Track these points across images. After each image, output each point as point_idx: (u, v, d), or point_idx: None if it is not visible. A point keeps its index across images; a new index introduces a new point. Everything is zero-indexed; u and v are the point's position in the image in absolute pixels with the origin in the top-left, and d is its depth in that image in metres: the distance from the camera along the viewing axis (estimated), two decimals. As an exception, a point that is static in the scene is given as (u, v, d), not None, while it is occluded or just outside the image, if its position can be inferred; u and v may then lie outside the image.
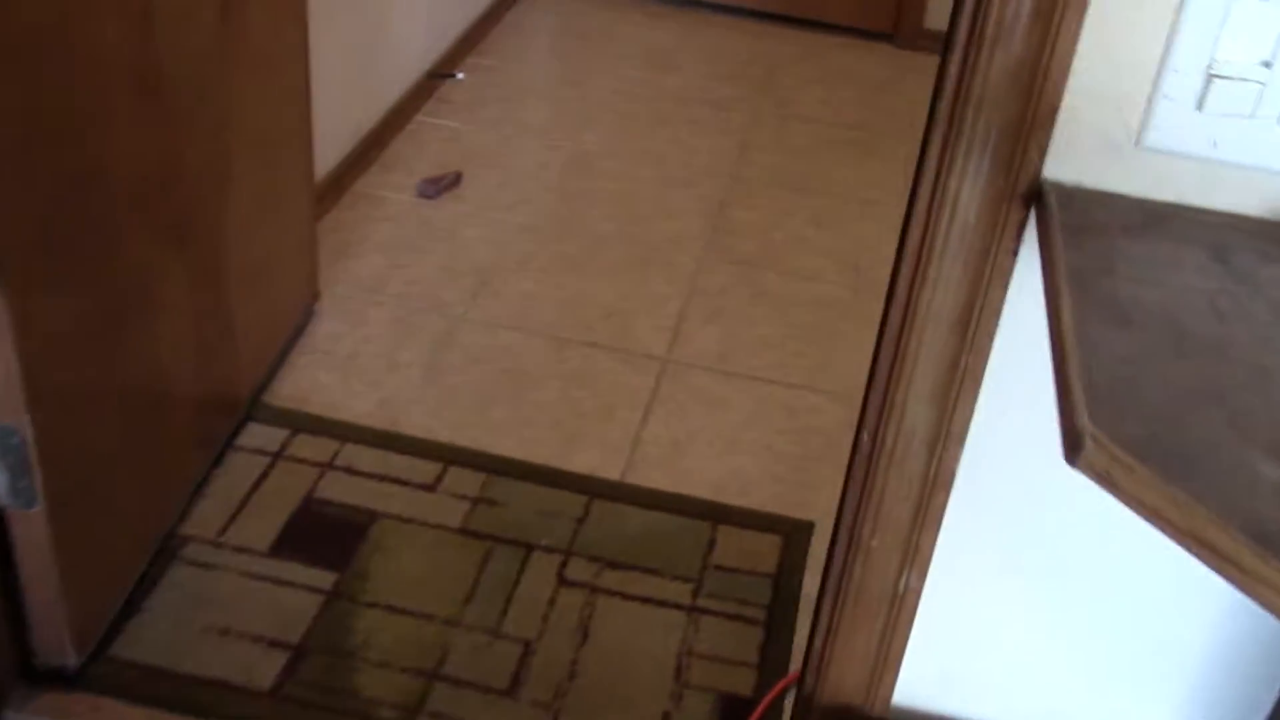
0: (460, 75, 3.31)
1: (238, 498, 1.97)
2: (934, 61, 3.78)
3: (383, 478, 2.05)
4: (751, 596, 1.92)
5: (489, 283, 2.57)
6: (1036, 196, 0.89)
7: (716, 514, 2.06)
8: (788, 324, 2.54)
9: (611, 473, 2.13)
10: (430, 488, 2.04)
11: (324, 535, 1.93)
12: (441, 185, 2.85)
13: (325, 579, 1.86)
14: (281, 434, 2.11)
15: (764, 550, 2.00)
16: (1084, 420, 0.65)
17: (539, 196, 2.89)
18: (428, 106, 3.20)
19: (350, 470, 2.05)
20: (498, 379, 2.31)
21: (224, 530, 1.92)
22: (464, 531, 1.97)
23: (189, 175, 1.81)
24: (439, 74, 3.25)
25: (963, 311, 0.96)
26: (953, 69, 0.87)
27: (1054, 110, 0.86)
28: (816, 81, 3.58)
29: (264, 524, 1.94)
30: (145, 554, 1.85)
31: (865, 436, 1.03)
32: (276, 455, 2.06)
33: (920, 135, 0.95)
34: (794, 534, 2.04)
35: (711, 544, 2.00)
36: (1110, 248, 0.80)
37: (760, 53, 3.72)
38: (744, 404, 2.32)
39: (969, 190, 0.91)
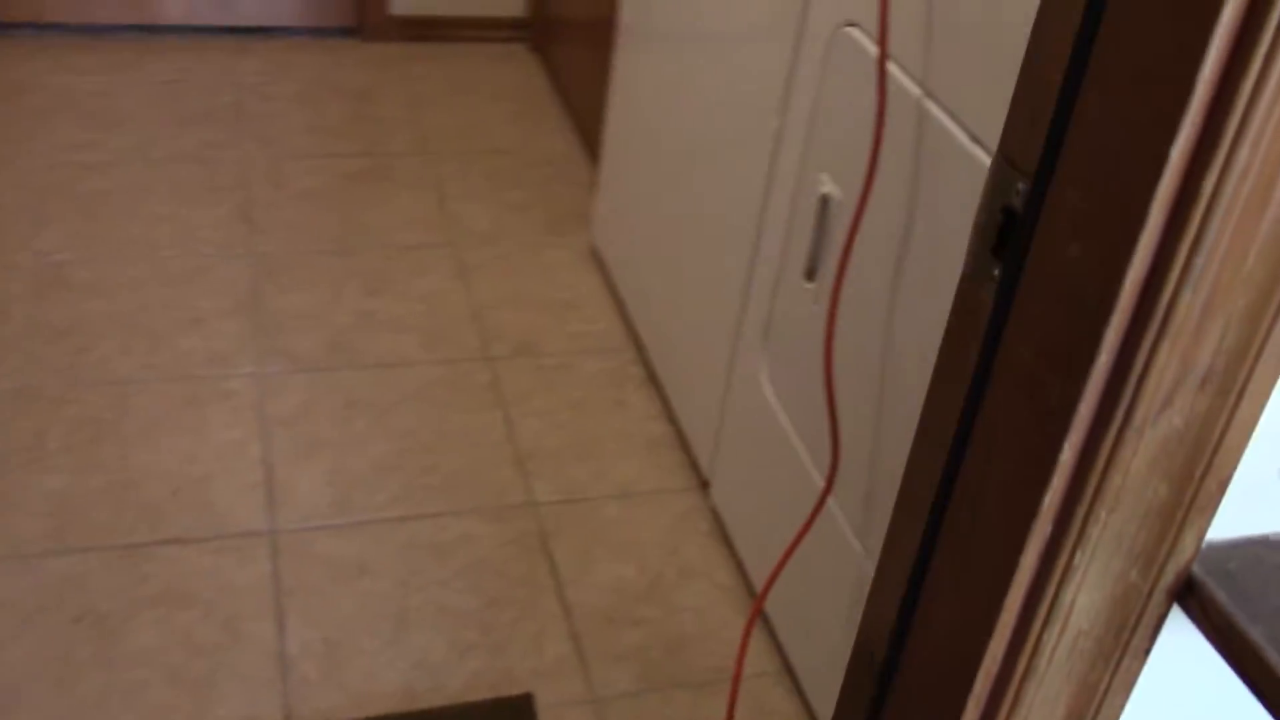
0: None
1: None
2: (406, 51, 3.37)
3: None
4: (508, 829, 1.58)
5: (-1, 492, 1.94)
6: (1186, 586, 0.63)
7: (422, 729, 1.68)
8: (396, 433, 2.14)
9: (272, 719, 1.67)
10: (42, 846, 1.48)
11: None
12: (-125, 365, 2.12)
13: None
14: None
15: (495, 757, 1.66)
16: None
17: (16, 344, 2.24)
18: None
19: None
20: (66, 635, 1.74)
21: None
22: None
23: None
24: None
25: (1063, 721, 0.69)
26: (1066, 454, 0.58)
27: (1223, 484, 0.60)
28: (294, 100, 3.09)
29: None
30: None
31: None
32: None
33: (433, 148, 0.63)
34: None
35: (433, 774, 1.63)
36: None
37: (219, 76, 3.15)
38: (388, 561, 1.92)
39: (1087, 597, 0.63)
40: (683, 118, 2.11)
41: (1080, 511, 0.59)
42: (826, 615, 1.64)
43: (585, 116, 3.02)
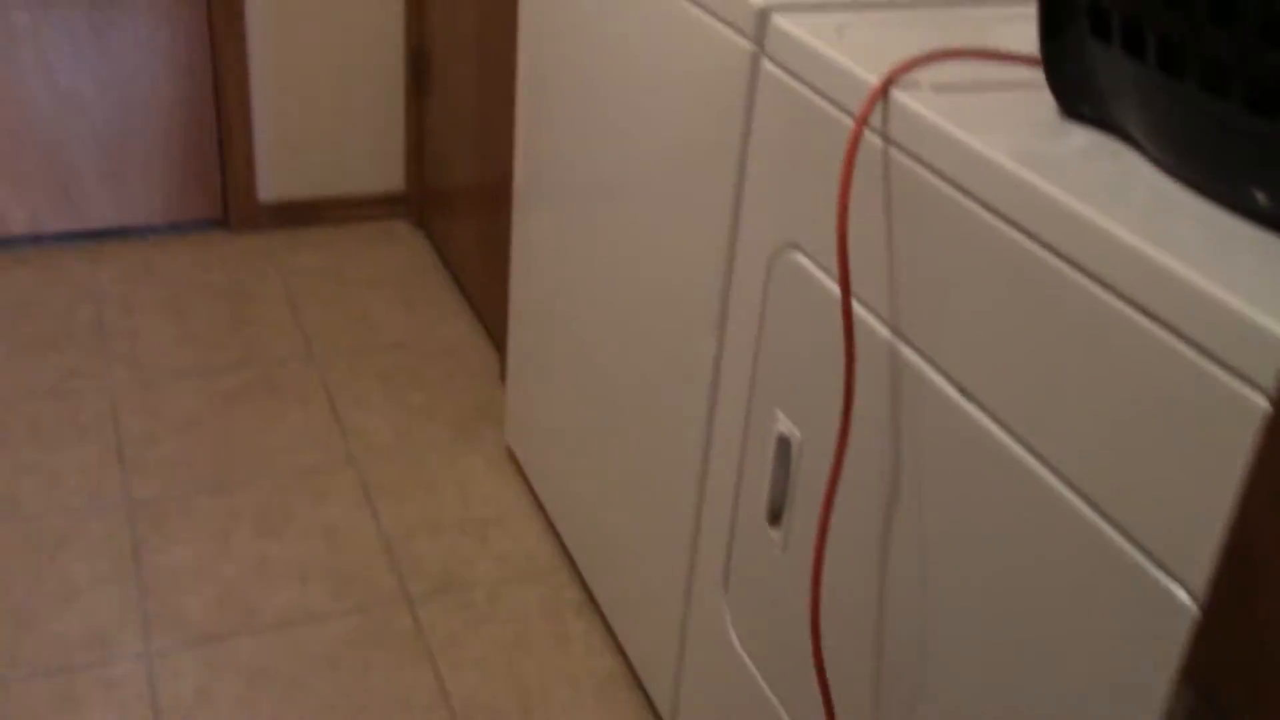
0: None
1: None
2: (280, 239, 3.17)
3: None
4: None
5: None
6: None
7: None
8: (312, 709, 1.89)
9: None
10: None
11: None
12: None
13: None
14: None
15: None
16: None
17: None
18: None
19: None
20: None
21: None
22: None
23: None
24: None
25: None
26: None
27: None
28: (161, 309, 2.84)
29: None
30: None
31: None
32: None
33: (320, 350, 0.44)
34: None
35: None
36: None
37: (74, 291, 2.89)
38: None
39: None
40: (601, 306, 1.91)
41: None
42: None
43: (483, 296, 2.83)
